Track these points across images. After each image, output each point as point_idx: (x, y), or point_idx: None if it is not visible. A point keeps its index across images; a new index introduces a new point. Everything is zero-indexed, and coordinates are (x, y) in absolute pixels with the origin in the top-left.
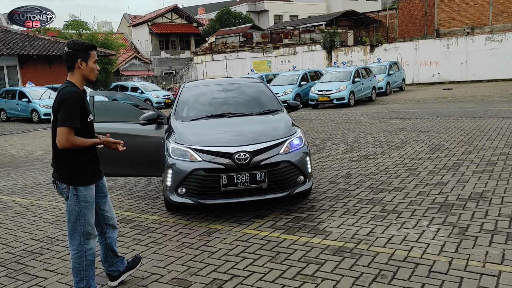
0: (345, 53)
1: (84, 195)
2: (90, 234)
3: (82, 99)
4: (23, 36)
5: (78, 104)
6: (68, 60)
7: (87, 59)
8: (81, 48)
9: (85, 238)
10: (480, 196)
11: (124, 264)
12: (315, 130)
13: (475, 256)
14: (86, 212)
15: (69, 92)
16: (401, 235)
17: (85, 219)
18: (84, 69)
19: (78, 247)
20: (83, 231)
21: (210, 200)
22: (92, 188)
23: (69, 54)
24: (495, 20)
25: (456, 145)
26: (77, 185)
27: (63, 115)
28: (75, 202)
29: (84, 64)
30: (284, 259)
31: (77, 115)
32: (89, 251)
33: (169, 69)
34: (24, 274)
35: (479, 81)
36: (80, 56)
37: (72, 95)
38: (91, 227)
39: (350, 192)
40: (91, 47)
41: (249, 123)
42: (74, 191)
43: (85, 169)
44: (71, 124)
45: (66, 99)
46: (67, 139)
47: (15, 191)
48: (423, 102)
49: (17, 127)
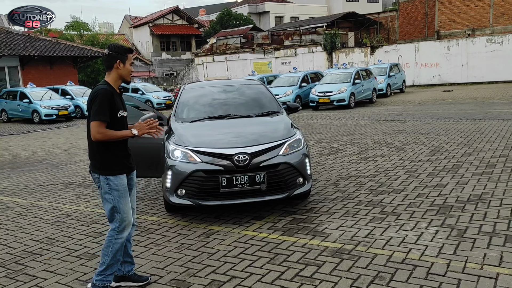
0: (346, 54)
1: (115, 184)
2: (125, 220)
3: (112, 95)
4: (24, 37)
5: (107, 100)
6: (108, 61)
7: (125, 60)
8: (120, 51)
9: (120, 225)
10: (479, 198)
11: (130, 270)
12: (315, 131)
13: (473, 258)
14: (120, 200)
15: (99, 89)
16: (399, 237)
17: (120, 207)
18: (122, 70)
19: (112, 232)
20: (120, 218)
21: (210, 201)
22: (123, 178)
23: (109, 56)
24: (496, 22)
25: (456, 147)
26: (107, 174)
27: (94, 110)
28: (108, 190)
29: (122, 65)
30: (283, 260)
31: (107, 110)
32: (119, 239)
33: (170, 70)
34: (24, 274)
35: (480, 83)
36: (119, 58)
37: (101, 92)
38: (126, 214)
39: (349, 194)
40: (129, 50)
41: (248, 125)
42: (105, 180)
43: (114, 160)
44: (101, 118)
45: (96, 96)
46: (98, 132)
47: (15, 192)
48: (424, 104)
49: (18, 128)
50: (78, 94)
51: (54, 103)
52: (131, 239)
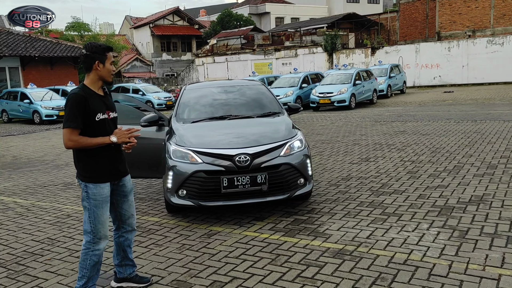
0: (346, 55)
1: (94, 193)
2: (100, 232)
3: (84, 99)
4: (25, 37)
5: (78, 105)
6: (86, 62)
7: (104, 60)
8: (98, 50)
9: (95, 237)
10: (481, 199)
11: (132, 272)
12: (316, 132)
13: (475, 260)
14: (96, 211)
15: (70, 95)
16: (401, 238)
17: (95, 217)
18: (101, 70)
19: (87, 243)
20: (93, 229)
21: (211, 202)
22: (104, 186)
23: (87, 56)
24: (497, 23)
25: (457, 148)
26: (87, 181)
27: (65, 117)
28: (86, 199)
29: (101, 66)
30: (284, 261)
31: (78, 116)
32: (96, 251)
33: (170, 71)
34: (25, 275)
35: (480, 84)
36: (97, 58)
37: (71, 97)
38: (101, 225)
39: (351, 194)
40: (107, 49)
41: (249, 126)
42: (85, 188)
43: (95, 167)
44: (71, 125)
45: (67, 102)
46: (69, 139)
47: (16, 192)
48: (424, 105)
49: (18, 129)
50: None
51: (55, 104)
52: (132, 244)
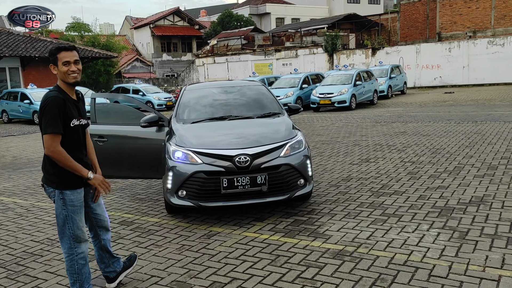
0: (347, 56)
1: (71, 199)
2: (79, 237)
3: (63, 103)
4: (25, 38)
5: (57, 109)
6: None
7: (56, 62)
8: (50, 53)
9: (75, 241)
10: (481, 201)
11: (120, 264)
12: (316, 133)
13: (475, 261)
14: (74, 216)
15: (49, 97)
16: (401, 239)
17: (73, 223)
18: (58, 73)
19: (68, 250)
20: (72, 234)
21: (211, 202)
22: (80, 192)
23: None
24: (497, 24)
25: (457, 149)
26: (63, 189)
27: (45, 122)
28: (62, 206)
29: (56, 68)
30: (284, 262)
31: (59, 120)
32: (80, 254)
33: (170, 72)
34: (24, 275)
35: (481, 85)
36: (51, 62)
37: (50, 100)
38: (81, 230)
39: (351, 195)
40: (57, 50)
41: (249, 126)
42: (60, 195)
43: (71, 173)
44: (54, 130)
45: (44, 106)
46: (52, 146)
47: (16, 192)
48: (425, 105)
49: (18, 129)
50: None
51: None
52: (109, 245)
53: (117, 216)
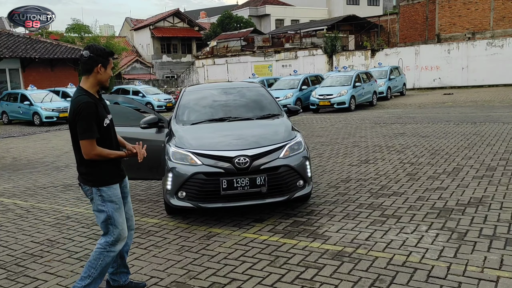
0: (346, 57)
1: (109, 195)
2: (120, 235)
3: (96, 107)
4: (25, 39)
5: (93, 114)
6: (88, 64)
7: (106, 65)
8: (102, 54)
9: (114, 239)
10: (479, 202)
11: (126, 279)
12: (316, 134)
13: (474, 261)
14: (115, 212)
15: (82, 103)
16: (400, 239)
17: (114, 219)
18: (102, 75)
19: (104, 244)
20: (114, 231)
21: (210, 204)
22: (116, 187)
23: (90, 58)
24: (496, 26)
25: (456, 150)
26: (99, 185)
27: (81, 128)
28: (101, 203)
29: (103, 70)
30: (283, 263)
31: (94, 125)
32: (111, 253)
33: (170, 73)
34: (24, 276)
35: (480, 86)
36: (100, 62)
37: (86, 106)
38: (122, 228)
39: (350, 196)
40: (110, 54)
41: (249, 127)
42: (98, 192)
43: (105, 170)
44: (92, 136)
45: (81, 112)
46: (91, 151)
47: (16, 193)
48: (424, 107)
49: (18, 130)
50: None
51: (55, 105)
52: (128, 250)
53: None
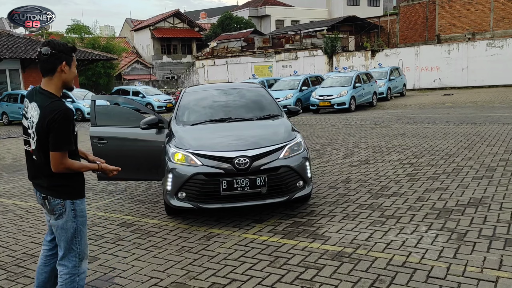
0: (346, 58)
1: (81, 209)
2: (85, 253)
3: (72, 114)
4: (25, 40)
5: (71, 122)
6: (50, 62)
7: (71, 62)
8: (65, 50)
9: (79, 259)
10: (479, 202)
11: None
12: (316, 135)
13: (473, 262)
14: (83, 229)
15: (62, 110)
16: (399, 240)
17: (81, 237)
18: (68, 74)
19: (72, 270)
20: (79, 250)
21: (210, 204)
22: (85, 201)
23: (52, 56)
24: (496, 26)
25: (456, 151)
26: (75, 198)
27: (58, 138)
28: (72, 218)
29: (67, 68)
30: (283, 263)
31: (71, 135)
32: (82, 275)
33: (170, 74)
34: (24, 277)
35: (480, 86)
36: (64, 59)
37: (66, 114)
38: (86, 245)
39: (350, 197)
40: (74, 49)
41: (249, 128)
42: (71, 206)
43: (80, 181)
44: (68, 148)
45: (60, 120)
46: (61, 164)
47: (16, 194)
48: (424, 107)
49: (18, 131)
50: (79, 97)
51: None
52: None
53: (117, 217)
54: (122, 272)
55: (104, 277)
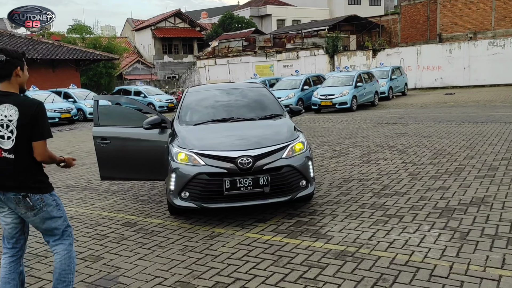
0: (348, 57)
1: (58, 197)
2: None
3: None
4: (27, 40)
5: None
6: (5, 69)
7: (23, 67)
8: (18, 56)
9: (72, 237)
10: (481, 201)
11: None
12: (318, 134)
13: (476, 261)
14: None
15: (40, 103)
16: (402, 239)
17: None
18: (22, 77)
19: (69, 246)
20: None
21: (213, 204)
22: None
23: (7, 62)
24: (498, 25)
25: (458, 150)
26: (52, 190)
27: (43, 128)
28: (56, 207)
29: (21, 72)
30: (287, 262)
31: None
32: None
33: (172, 73)
34: (29, 276)
35: (482, 86)
36: (18, 64)
37: (44, 106)
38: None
39: (352, 196)
40: (24, 55)
41: (251, 128)
42: (51, 197)
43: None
44: (50, 135)
45: (42, 112)
46: (46, 151)
47: None
48: (426, 107)
49: None
50: (81, 97)
51: (57, 106)
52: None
53: (120, 217)
54: (126, 271)
55: (109, 276)
